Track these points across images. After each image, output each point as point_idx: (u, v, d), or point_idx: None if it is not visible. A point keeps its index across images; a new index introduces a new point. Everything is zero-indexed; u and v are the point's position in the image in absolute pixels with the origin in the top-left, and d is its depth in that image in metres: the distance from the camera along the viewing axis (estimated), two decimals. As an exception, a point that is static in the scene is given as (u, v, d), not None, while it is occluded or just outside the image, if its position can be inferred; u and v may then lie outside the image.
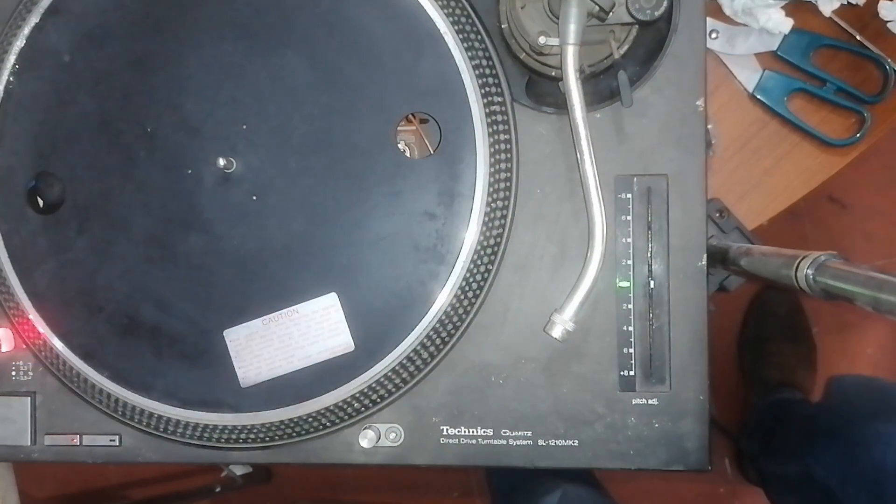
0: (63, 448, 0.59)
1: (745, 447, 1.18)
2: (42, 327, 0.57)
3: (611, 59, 0.54)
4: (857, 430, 0.72)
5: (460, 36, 0.54)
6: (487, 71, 0.54)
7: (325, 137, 0.55)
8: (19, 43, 0.57)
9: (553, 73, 0.55)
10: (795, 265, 0.45)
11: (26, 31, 0.57)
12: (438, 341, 0.54)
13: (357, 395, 0.54)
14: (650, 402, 0.54)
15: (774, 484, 1.00)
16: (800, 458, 0.83)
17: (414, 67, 0.54)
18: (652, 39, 0.55)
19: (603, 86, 0.55)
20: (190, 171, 0.56)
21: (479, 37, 0.54)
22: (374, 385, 0.54)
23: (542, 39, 0.53)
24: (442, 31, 0.54)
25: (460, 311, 0.54)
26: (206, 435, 0.56)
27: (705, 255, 0.54)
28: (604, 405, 0.54)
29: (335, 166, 0.55)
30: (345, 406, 0.55)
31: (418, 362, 0.54)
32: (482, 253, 0.54)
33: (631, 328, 0.54)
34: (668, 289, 0.54)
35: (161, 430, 0.57)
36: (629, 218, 0.54)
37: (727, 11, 0.71)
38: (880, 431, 0.69)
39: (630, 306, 0.54)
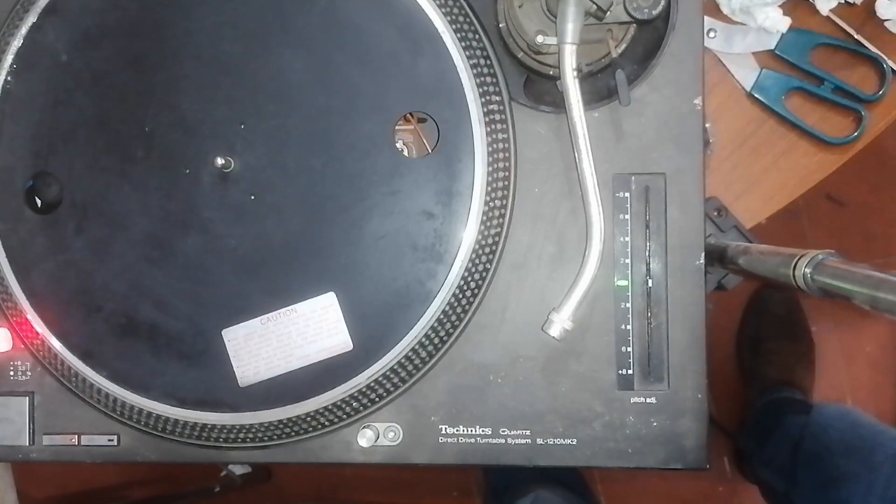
0: (61, 448, 0.59)
1: (744, 445, 1.18)
2: (40, 327, 0.57)
3: (609, 57, 0.54)
4: (830, 467, 0.78)
5: (458, 35, 0.54)
6: (485, 70, 0.54)
7: (324, 137, 0.55)
8: (17, 42, 0.57)
9: (551, 72, 0.55)
10: (793, 264, 0.45)
11: (24, 30, 0.57)
12: (437, 340, 0.54)
13: (355, 394, 0.54)
14: (648, 400, 0.54)
15: (765, 489, 1.03)
16: (784, 479, 0.87)
17: (412, 67, 0.54)
18: (650, 38, 0.55)
19: (601, 85, 0.55)
20: (188, 171, 0.56)
21: (477, 36, 0.54)
22: (372, 384, 0.54)
23: (539, 38, 0.53)
24: (440, 31, 0.54)
25: (458, 310, 0.54)
26: (204, 434, 0.56)
27: (703, 254, 0.54)
28: (602, 404, 0.54)
29: (333, 165, 0.55)
30: (343, 405, 0.55)
31: (417, 361, 0.54)
32: (480, 252, 0.54)
33: (629, 327, 0.54)
34: (667, 287, 0.54)
35: (160, 429, 0.57)
36: (627, 217, 0.54)
37: (725, 10, 0.71)
38: (849, 471, 0.73)
39: (628, 305, 0.54)
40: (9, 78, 0.57)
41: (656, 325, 0.54)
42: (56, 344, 0.57)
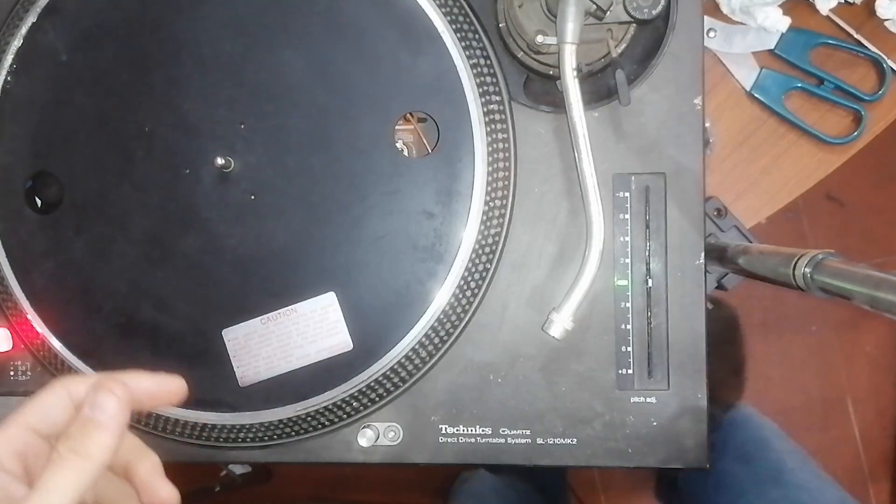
0: (62, 448, 0.59)
1: None
2: (40, 327, 0.57)
3: (608, 57, 0.54)
4: None
5: (458, 35, 0.54)
6: (485, 70, 0.54)
7: (324, 136, 0.55)
8: (17, 42, 0.57)
9: (551, 72, 0.55)
10: (793, 263, 0.45)
11: (24, 30, 0.57)
12: (437, 340, 0.54)
13: (355, 394, 0.54)
14: (648, 400, 0.54)
15: None
16: None
17: (412, 66, 0.54)
18: (649, 38, 0.55)
19: (601, 84, 0.55)
20: (188, 171, 0.56)
21: (477, 36, 0.54)
22: (372, 384, 0.54)
23: (539, 38, 0.53)
24: (440, 30, 0.54)
25: (459, 309, 0.54)
26: (204, 434, 0.56)
27: (703, 254, 0.54)
28: (602, 403, 0.54)
29: (333, 165, 0.55)
30: (343, 405, 0.55)
31: (417, 361, 0.54)
32: (480, 252, 0.54)
33: (629, 326, 0.54)
34: (667, 287, 0.54)
35: (159, 429, 0.57)
36: (627, 216, 0.54)
37: (725, 10, 0.71)
38: None
39: (628, 305, 0.54)
40: (9, 78, 0.57)
41: (656, 324, 0.54)
42: (56, 344, 0.57)
